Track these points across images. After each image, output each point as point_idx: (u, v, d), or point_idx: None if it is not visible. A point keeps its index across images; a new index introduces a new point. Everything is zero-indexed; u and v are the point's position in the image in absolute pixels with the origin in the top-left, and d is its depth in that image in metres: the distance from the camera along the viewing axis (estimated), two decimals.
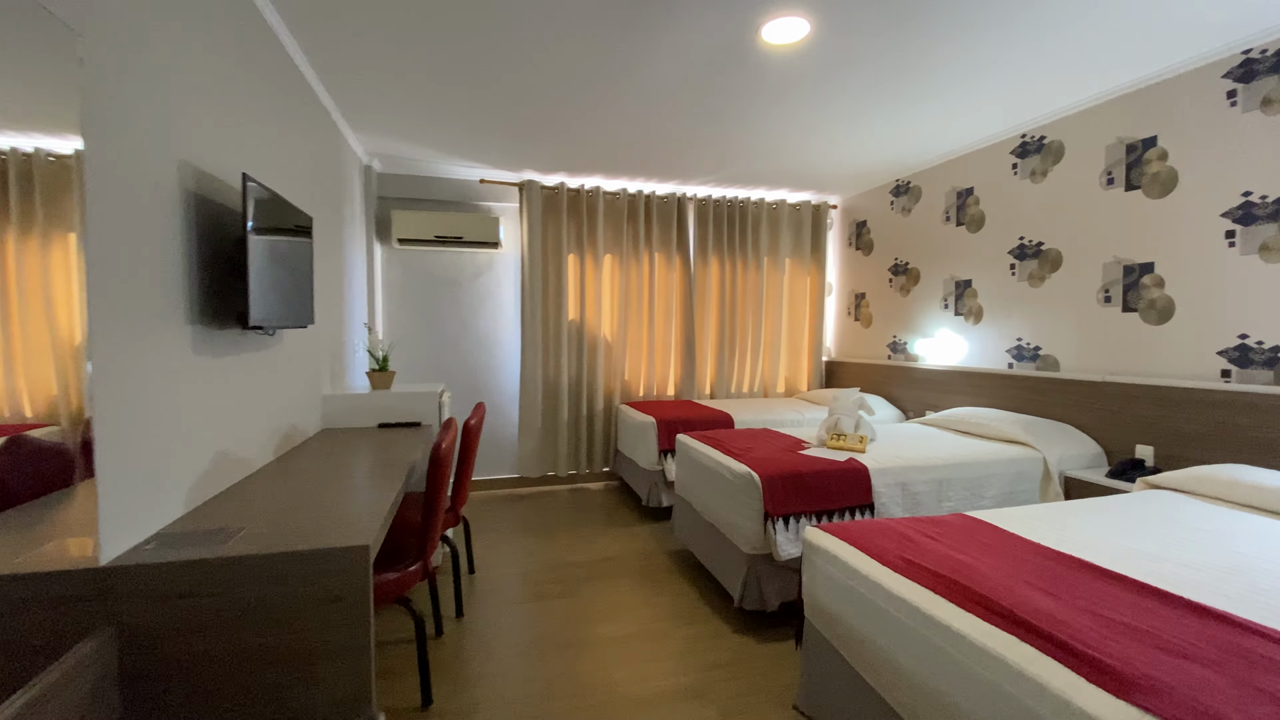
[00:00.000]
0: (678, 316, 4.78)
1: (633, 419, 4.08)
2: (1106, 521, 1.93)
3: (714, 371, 4.88)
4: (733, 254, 4.83)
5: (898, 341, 4.42)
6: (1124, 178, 2.88)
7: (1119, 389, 2.86)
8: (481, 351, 4.66)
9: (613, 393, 4.65)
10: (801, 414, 4.08)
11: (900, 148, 3.82)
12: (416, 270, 4.51)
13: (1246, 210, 2.42)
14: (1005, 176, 3.52)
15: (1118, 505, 2.12)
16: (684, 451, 3.09)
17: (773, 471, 2.41)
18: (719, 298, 4.85)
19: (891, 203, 4.48)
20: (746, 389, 4.93)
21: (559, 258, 4.49)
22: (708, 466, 2.75)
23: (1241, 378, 2.45)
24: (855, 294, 4.92)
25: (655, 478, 3.76)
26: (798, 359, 5.06)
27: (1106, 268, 2.97)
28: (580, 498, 4.38)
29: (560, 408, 4.49)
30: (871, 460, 2.60)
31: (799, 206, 4.97)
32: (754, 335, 4.90)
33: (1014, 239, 3.47)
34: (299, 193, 2.60)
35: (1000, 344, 3.57)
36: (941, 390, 3.92)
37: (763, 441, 2.94)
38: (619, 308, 4.62)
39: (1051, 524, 1.92)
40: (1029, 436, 2.89)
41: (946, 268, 3.97)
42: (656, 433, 3.75)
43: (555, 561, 3.17)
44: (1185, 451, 2.59)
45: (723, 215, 4.79)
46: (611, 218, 4.63)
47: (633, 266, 4.67)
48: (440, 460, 1.93)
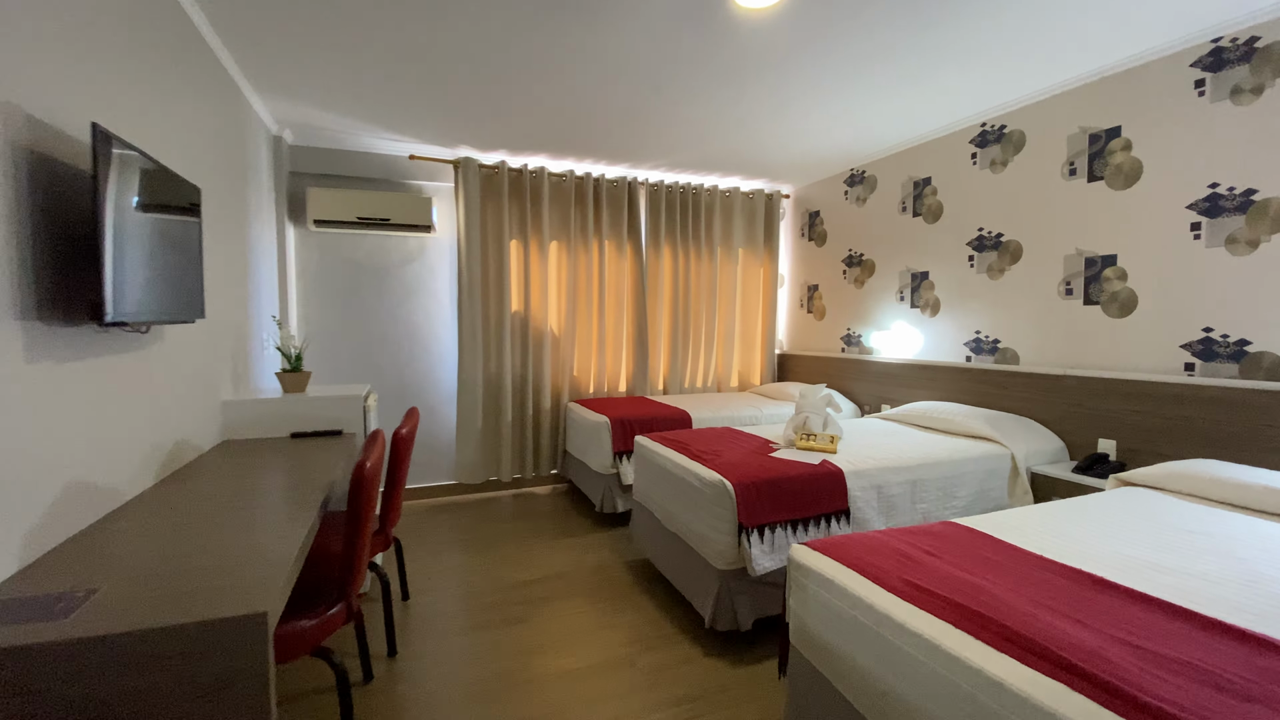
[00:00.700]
0: (629, 308, 4.52)
1: (584, 418, 3.80)
2: (1099, 526, 1.82)
3: (667, 366, 4.66)
4: (686, 243, 4.61)
5: (852, 334, 4.33)
6: (1086, 168, 2.84)
7: (1080, 383, 2.82)
8: (413, 347, 4.24)
9: (560, 390, 4.35)
10: (760, 410, 3.92)
11: (857, 135, 3.70)
12: (337, 256, 4.04)
13: (1213, 202, 2.40)
14: (964, 166, 3.46)
15: (1100, 505, 2.04)
16: (644, 455, 2.85)
17: (746, 478, 2.20)
18: (672, 288, 4.62)
19: (846, 193, 4.38)
20: (700, 384, 4.74)
21: (500, 244, 4.13)
22: (671, 472, 2.52)
23: (1205, 371, 2.44)
24: (808, 286, 4.81)
25: (609, 482, 3.50)
26: (751, 352, 4.91)
27: (1068, 260, 2.93)
28: (527, 505, 4.07)
29: (503, 407, 4.15)
30: (845, 462, 2.44)
31: (752, 195, 4.80)
32: (708, 328, 4.71)
33: (973, 230, 3.41)
34: (184, 161, 2.15)
35: (958, 337, 3.52)
36: (897, 384, 3.86)
37: (729, 443, 2.74)
38: (566, 298, 4.31)
39: (1045, 530, 1.80)
40: (994, 432, 2.82)
41: (902, 259, 3.90)
42: (610, 433, 3.49)
43: (501, 581, 2.86)
44: (1148, 445, 2.58)
45: (675, 202, 4.55)
46: (558, 201, 4.31)
47: (581, 254, 4.37)
48: (365, 482, 1.59)
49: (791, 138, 3.71)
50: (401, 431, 2.22)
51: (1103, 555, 1.61)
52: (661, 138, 3.70)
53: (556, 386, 4.36)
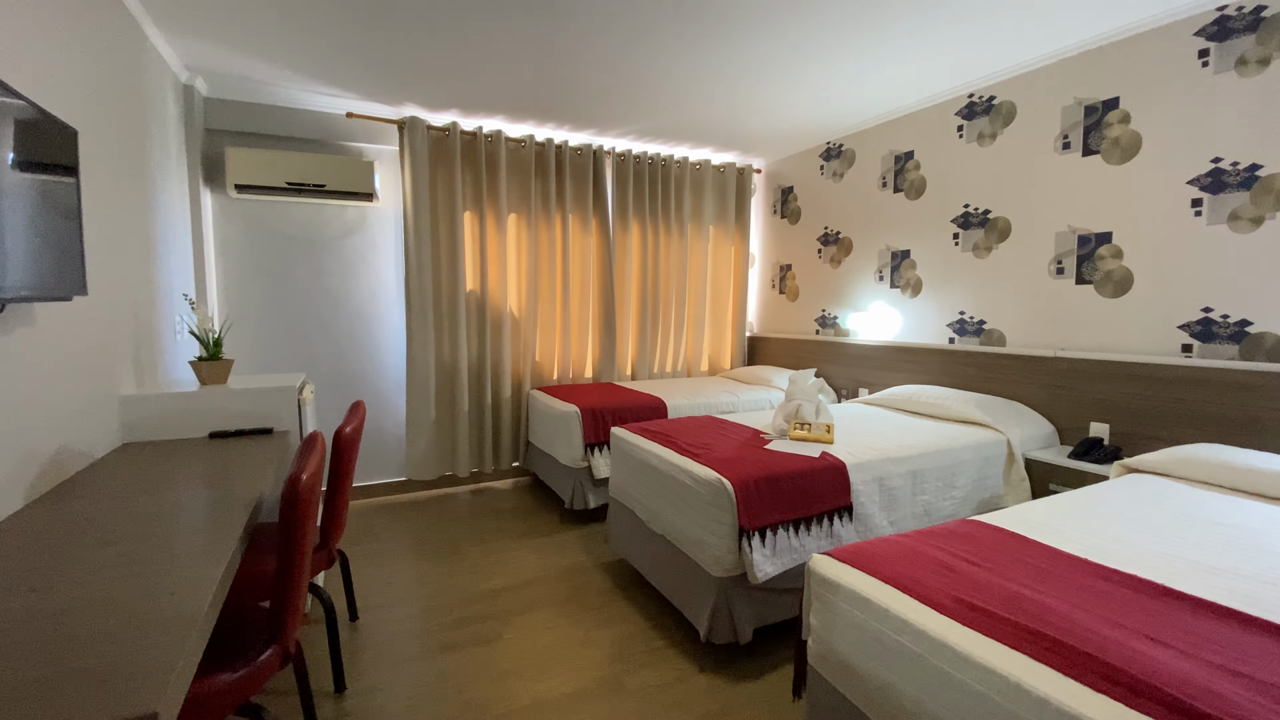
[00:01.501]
0: (595, 288, 4.22)
1: (550, 408, 3.50)
2: (1129, 522, 1.69)
3: (635, 351, 4.40)
4: (655, 219, 4.33)
5: (827, 316, 4.19)
6: (1081, 142, 2.72)
7: (1071, 364, 2.74)
8: (356, 331, 3.82)
9: (522, 377, 4.02)
10: (737, 396, 3.72)
11: (835, 106, 3.50)
12: (264, 227, 3.56)
13: (1215, 178, 2.31)
14: (950, 139, 3.31)
15: (1116, 496, 1.92)
16: (623, 449, 2.59)
17: (745, 476, 1.98)
18: (641, 268, 4.34)
19: (822, 167, 4.20)
20: (670, 369, 4.50)
21: (452, 216, 3.74)
22: (657, 469, 2.28)
23: (1204, 352, 2.37)
24: (780, 265, 4.63)
25: (580, 477, 3.23)
26: (721, 335, 4.71)
27: (1060, 237, 2.82)
28: (487, 501, 3.75)
29: (459, 396, 3.79)
30: (846, 453, 2.25)
31: (723, 169, 4.56)
32: (678, 310, 4.46)
33: (958, 207, 3.28)
34: (57, 104, 1.72)
35: (941, 318, 3.41)
36: (876, 367, 3.73)
37: (716, 435, 2.51)
38: (527, 277, 3.97)
39: (1076, 528, 1.65)
40: (987, 417, 2.71)
41: (882, 237, 3.75)
42: (581, 424, 3.21)
43: (463, 591, 2.56)
44: (1142, 429, 2.51)
45: (644, 174, 4.26)
46: (516, 170, 3.94)
47: (543, 229, 4.03)
48: (301, 499, 1.27)
49: (766, 106, 3.48)
50: (345, 430, 1.88)
51: (1148, 556, 1.47)
52: (630, 101, 3.39)
53: (517, 373, 4.04)
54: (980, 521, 1.73)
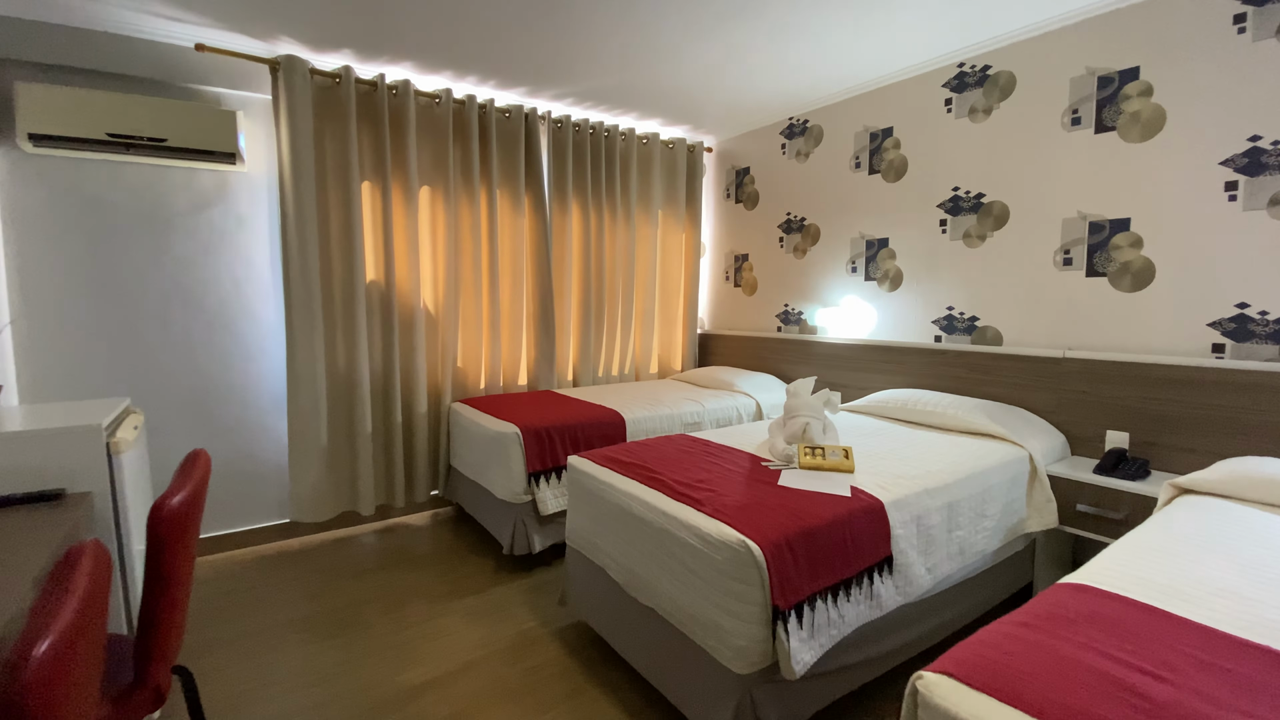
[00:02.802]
0: (530, 279, 3.57)
1: (478, 426, 2.83)
2: (1246, 569, 1.34)
3: (577, 352, 3.79)
4: (599, 199, 3.73)
5: (790, 311, 3.78)
6: (1094, 117, 2.43)
7: (1083, 366, 2.46)
8: (217, 334, 2.95)
9: (440, 387, 3.31)
10: (701, 404, 3.22)
11: (799, 76, 3.08)
12: (77, 193, 2.62)
13: (1253, 158, 2.06)
14: (936, 115, 2.97)
15: (1198, 529, 1.58)
16: (587, 487, 2.00)
17: (775, 535, 1.46)
18: (583, 255, 3.73)
19: (783, 146, 3.77)
20: (616, 372, 3.93)
21: (346, 186, 2.96)
22: (644, 519, 1.71)
23: (1238, 353, 2.13)
24: (735, 255, 4.18)
25: (522, 513, 2.60)
26: (671, 333, 4.19)
27: (1068, 224, 2.53)
28: (400, 544, 3.02)
29: (359, 414, 3.03)
30: (877, 487, 1.80)
31: (672, 145, 4.03)
32: (625, 304, 3.90)
33: (946, 190, 2.95)
34: None
35: (925, 314, 3.07)
36: (850, 368, 3.36)
37: (706, 464, 1.98)
38: (446, 265, 3.25)
39: (1197, 583, 1.28)
40: (999, 427, 2.37)
41: (855, 224, 3.38)
42: (523, 447, 2.57)
43: (371, 692, 1.88)
44: (1167, 439, 2.25)
45: (585, 145, 3.64)
46: (430, 131, 3.21)
47: (464, 206, 3.32)
48: (71, 631, 0.60)
49: (716, 72, 2.98)
50: (171, 504, 1.16)
51: None
52: (567, 55, 2.77)
53: (435, 383, 3.32)
54: (1085, 587, 1.31)
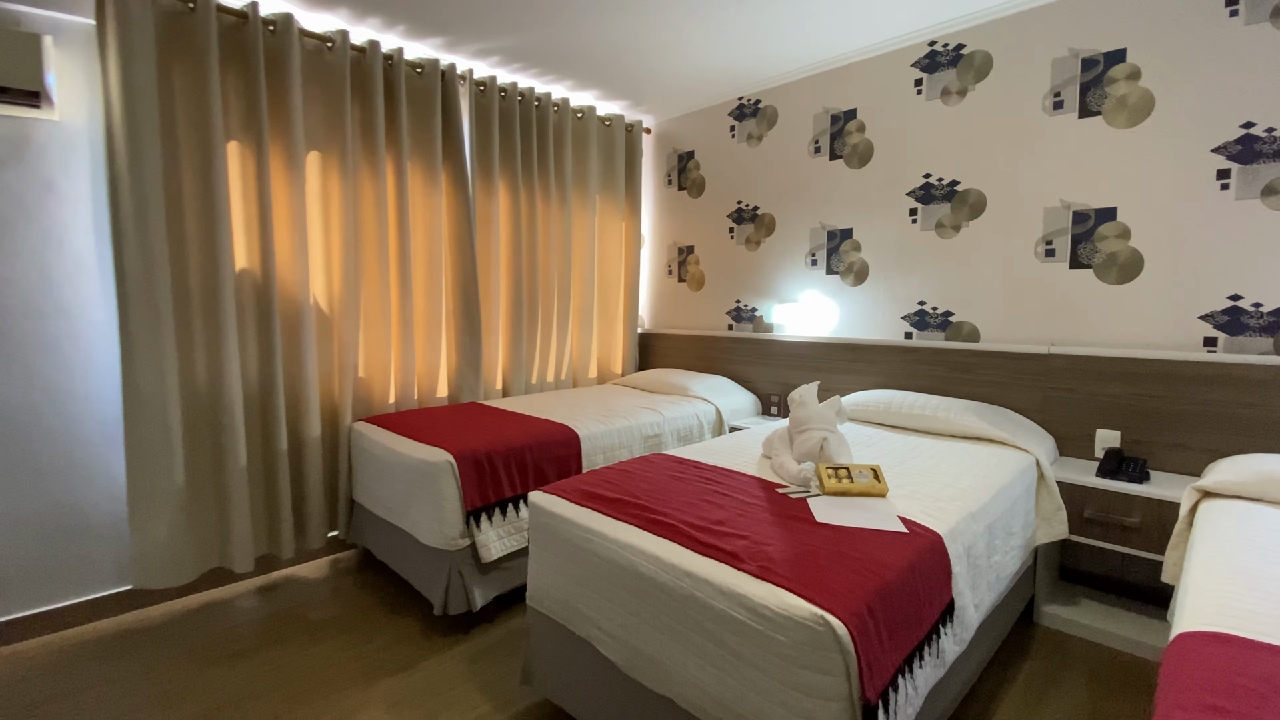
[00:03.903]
0: (450, 268, 3.00)
1: (394, 454, 2.25)
2: None
3: (507, 355, 3.26)
4: (529, 178, 3.22)
5: (743, 308, 3.49)
6: (1078, 100, 2.31)
7: (1069, 362, 2.34)
8: (13, 345, 2.14)
9: (338, 403, 2.66)
10: (660, 414, 2.82)
11: (749, 52, 2.82)
12: None
13: (1247, 146, 2.00)
14: (905, 96, 2.77)
15: (1264, 543, 1.43)
16: (563, 536, 1.53)
17: (856, 602, 1.09)
18: (512, 242, 3.20)
19: (733, 129, 3.47)
20: (551, 378, 3.44)
21: (205, 146, 2.26)
22: (662, 584, 1.28)
23: (1231, 346, 2.06)
24: (679, 247, 3.83)
25: (457, 562, 2.07)
26: (611, 333, 3.76)
27: (1050, 214, 2.41)
28: (291, 608, 2.36)
29: (228, 442, 2.33)
30: (924, 514, 1.49)
31: (610, 122, 3.60)
32: (560, 299, 3.41)
33: (916, 177, 2.76)
34: None
35: (894, 309, 2.88)
36: (813, 369, 3.12)
37: (713, 496, 1.59)
38: (343, 250, 2.62)
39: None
40: (997, 430, 2.19)
41: (815, 214, 3.13)
42: (458, 480, 2.04)
43: None
44: (1160, 436, 2.16)
45: (513, 114, 3.12)
46: (320, 83, 2.56)
47: (366, 178, 2.70)
48: None
49: (658, 35, 2.62)
50: None
51: None
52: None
53: (330, 398, 2.67)
54: (1228, 637, 1.06)
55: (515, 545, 2.17)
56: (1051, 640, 2.07)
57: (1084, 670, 1.90)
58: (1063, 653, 2.00)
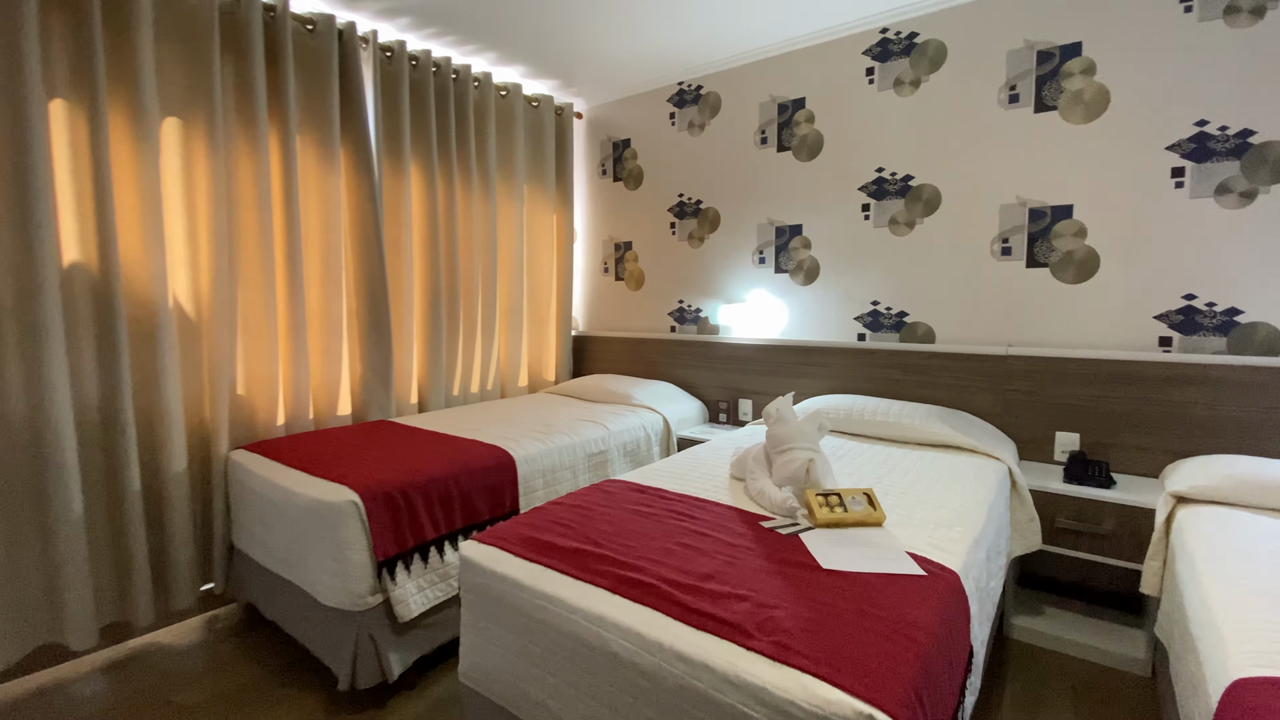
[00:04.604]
0: (352, 263, 2.55)
1: (284, 491, 1.82)
2: None
3: (424, 364, 2.84)
4: (447, 161, 2.83)
5: (686, 309, 3.26)
6: (1034, 95, 2.25)
7: (1028, 364, 2.27)
8: None
9: (210, 428, 2.17)
10: (605, 426, 2.53)
11: (689, 34, 2.62)
12: None
13: (1200, 144, 1.98)
14: (856, 86, 2.64)
15: (1259, 556, 1.35)
16: (507, 601, 1.21)
17: (901, 687, 0.86)
18: (428, 234, 2.80)
19: (673, 116, 3.23)
20: (476, 388, 3.06)
21: (17, 102, 1.73)
22: (645, 670, 1.00)
23: (1186, 346, 2.05)
24: (615, 243, 3.55)
25: (368, 624, 1.68)
26: (543, 336, 3.42)
27: (1006, 211, 2.33)
28: (151, 687, 1.86)
29: (55, 485, 1.81)
30: (932, 548, 1.30)
31: (537, 103, 3.26)
32: (485, 299, 3.04)
33: (869, 171, 2.63)
34: None
35: (846, 309, 2.74)
36: (762, 373, 2.94)
37: (691, 538, 1.32)
38: (214, 240, 2.13)
39: None
40: (966, 438, 2.08)
41: (762, 209, 2.95)
42: (366, 524, 1.66)
43: None
44: (1118, 438, 2.13)
45: (427, 87, 2.71)
46: (181, 36, 2.07)
47: (242, 153, 2.22)
48: None
49: (592, 10, 2.35)
50: None
51: None
52: None
53: (199, 422, 2.17)
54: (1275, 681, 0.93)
55: (441, 596, 1.81)
56: (1025, 655, 1.97)
57: (1065, 688, 1.81)
58: (1040, 668, 1.90)
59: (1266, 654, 1.00)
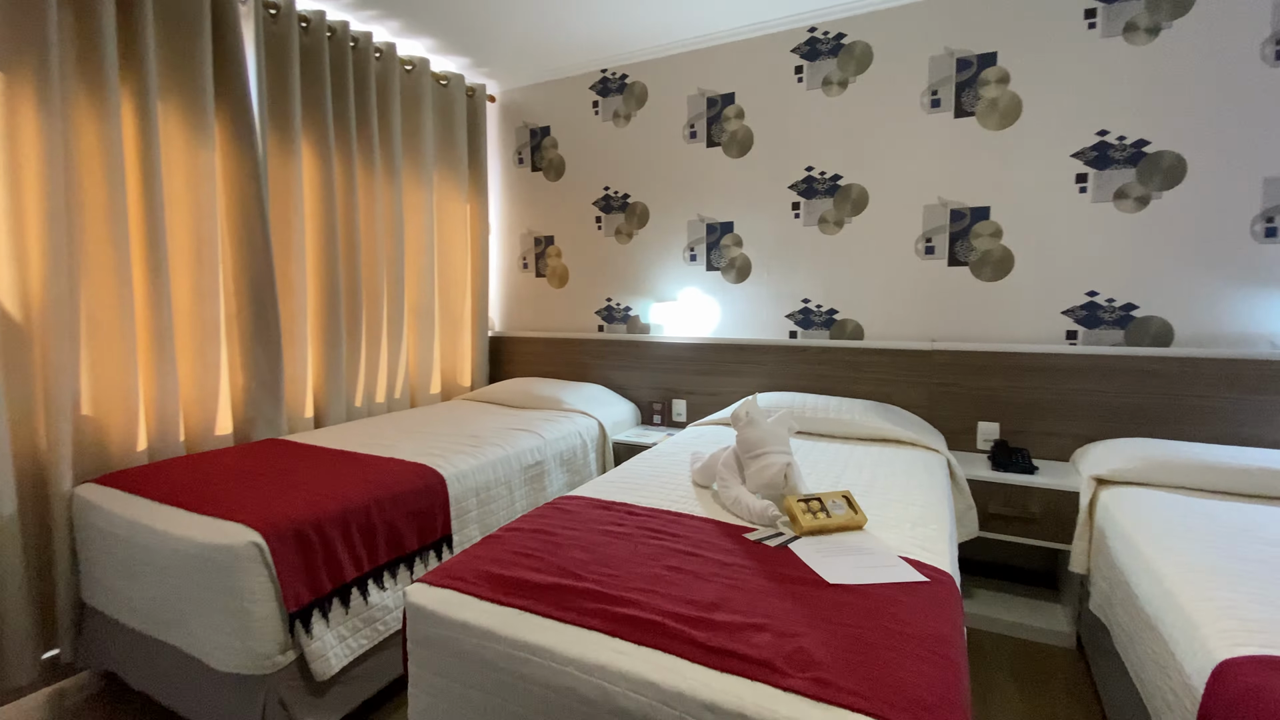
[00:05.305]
0: (231, 254, 2.16)
1: (157, 534, 1.46)
2: None
3: (320, 371, 2.49)
4: (345, 140, 2.48)
5: (615, 307, 3.12)
6: (953, 100, 2.34)
7: (952, 358, 2.37)
8: None
9: (46, 459, 1.72)
10: (539, 434, 2.33)
11: (614, 19, 2.51)
12: None
13: (1102, 152, 2.15)
14: (786, 84, 2.63)
15: (1191, 531, 1.46)
16: (478, 656, 1.01)
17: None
18: (323, 223, 2.44)
19: (596, 104, 3.07)
20: (382, 397, 2.73)
21: None
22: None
23: (1089, 339, 2.22)
24: (536, 237, 3.33)
25: (276, 688, 1.39)
26: (457, 337, 3.14)
27: (929, 211, 2.42)
28: None
29: None
30: (920, 550, 1.27)
31: (447, 81, 2.97)
32: (392, 297, 2.72)
33: (799, 170, 2.64)
34: None
35: (778, 307, 2.74)
36: (696, 372, 2.87)
37: (679, 559, 1.19)
38: (47, 226, 1.69)
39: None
40: (905, 431, 2.13)
41: (692, 205, 2.88)
42: (273, 570, 1.37)
43: None
44: (1033, 425, 2.27)
45: (321, 54, 2.36)
46: None
47: (85, 118, 1.79)
48: None
49: None
50: None
51: None
52: None
53: (32, 450, 1.73)
54: (1261, 660, 0.97)
55: (367, 643, 1.55)
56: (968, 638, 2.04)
57: (1006, 668, 1.88)
58: (980, 653, 1.97)
59: (1241, 633, 1.04)
